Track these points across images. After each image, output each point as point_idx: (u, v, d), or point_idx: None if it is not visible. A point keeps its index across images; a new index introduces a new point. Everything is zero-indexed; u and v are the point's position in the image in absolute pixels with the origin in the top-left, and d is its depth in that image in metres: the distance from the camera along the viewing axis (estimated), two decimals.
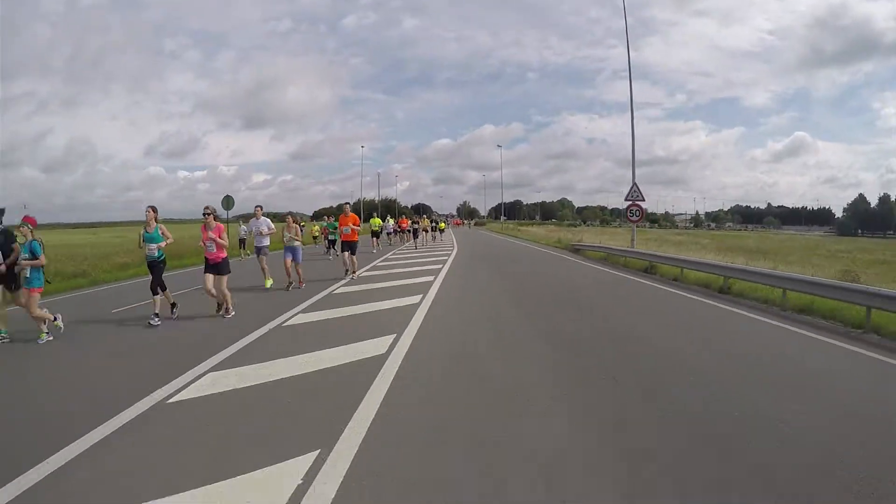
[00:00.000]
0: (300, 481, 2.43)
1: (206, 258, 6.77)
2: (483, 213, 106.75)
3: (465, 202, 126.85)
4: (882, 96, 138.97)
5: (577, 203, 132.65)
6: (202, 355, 4.70)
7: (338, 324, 6.27)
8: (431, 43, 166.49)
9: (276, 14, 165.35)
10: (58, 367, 4.62)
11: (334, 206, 75.13)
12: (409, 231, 24.24)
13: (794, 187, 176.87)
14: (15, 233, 5.65)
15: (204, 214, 6.73)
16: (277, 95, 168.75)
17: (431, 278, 10.66)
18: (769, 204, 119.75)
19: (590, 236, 29.17)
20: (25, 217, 5.59)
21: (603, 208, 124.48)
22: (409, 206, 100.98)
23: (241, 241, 17.41)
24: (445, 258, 16.04)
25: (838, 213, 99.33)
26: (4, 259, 5.50)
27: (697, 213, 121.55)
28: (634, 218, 15.43)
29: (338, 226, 12.16)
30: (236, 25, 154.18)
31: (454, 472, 2.54)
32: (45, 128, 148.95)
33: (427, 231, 26.40)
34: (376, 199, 72.76)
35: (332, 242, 16.30)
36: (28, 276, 5.40)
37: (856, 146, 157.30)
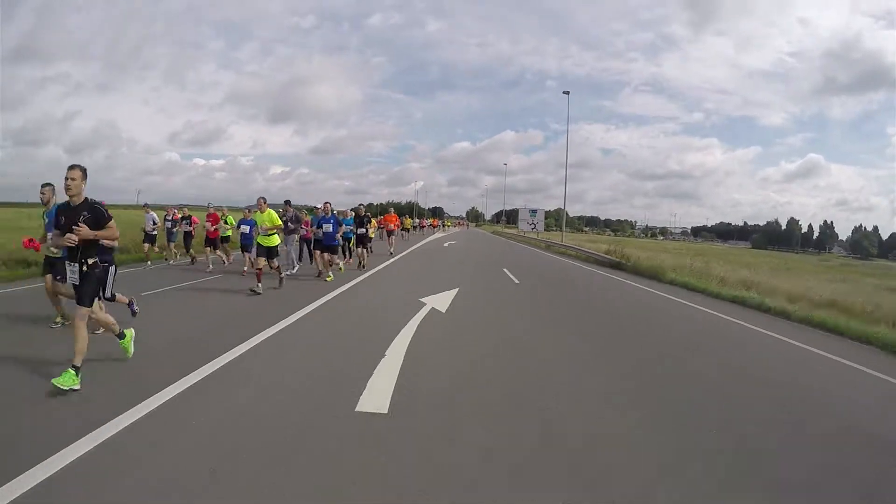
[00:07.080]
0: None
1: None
2: (488, 217, 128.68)
3: (473, 207, 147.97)
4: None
5: (589, 212, 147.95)
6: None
7: (429, 241, 29.50)
8: (453, 46, 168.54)
9: (301, 10, 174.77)
10: None
11: (364, 203, 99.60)
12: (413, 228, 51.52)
13: (805, 208, 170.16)
14: None
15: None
16: (299, 91, 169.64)
17: (450, 232, 40.00)
18: (745, 223, 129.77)
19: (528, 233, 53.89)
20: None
21: (594, 219, 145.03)
22: (427, 209, 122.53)
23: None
24: (452, 233, 43.33)
25: (842, 236, 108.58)
26: None
27: (647, 226, 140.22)
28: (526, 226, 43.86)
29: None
30: (259, 17, 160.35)
31: (471, 246, 25.18)
32: (74, 110, 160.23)
33: (442, 225, 57.72)
34: (403, 202, 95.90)
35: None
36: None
37: (869, 170, 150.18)
